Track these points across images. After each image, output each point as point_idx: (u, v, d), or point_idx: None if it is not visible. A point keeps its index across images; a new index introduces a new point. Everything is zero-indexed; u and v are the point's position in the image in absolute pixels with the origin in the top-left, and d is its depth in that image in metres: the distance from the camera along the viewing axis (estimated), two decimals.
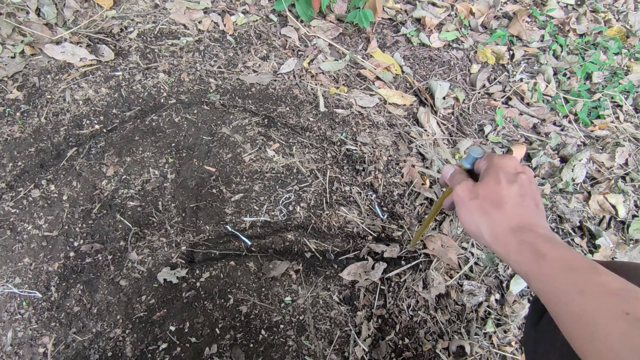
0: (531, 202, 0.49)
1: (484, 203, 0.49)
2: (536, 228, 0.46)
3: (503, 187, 0.49)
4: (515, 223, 0.46)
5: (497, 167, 0.51)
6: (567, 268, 0.41)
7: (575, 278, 0.40)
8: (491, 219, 0.48)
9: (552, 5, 1.67)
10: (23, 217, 0.92)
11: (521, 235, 0.45)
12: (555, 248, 0.43)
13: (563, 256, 0.42)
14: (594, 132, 1.28)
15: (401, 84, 1.35)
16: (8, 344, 0.78)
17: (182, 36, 1.33)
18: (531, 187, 0.51)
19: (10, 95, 1.11)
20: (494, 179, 0.50)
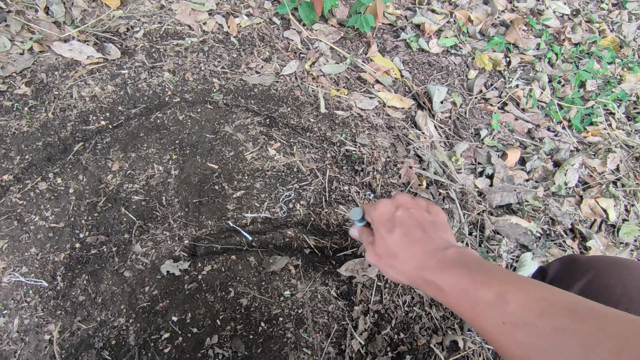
0: (417, 233, 0.53)
1: (387, 261, 0.54)
2: (430, 259, 0.49)
3: (387, 239, 0.53)
4: (414, 266, 0.50)
5: (376, 222, 0.56)
6: (460, 293, 0.44)
7: (466, 301, 0.43)
8: (398, 270, 0.52)
9: (548, 15, 1.72)
10: (30, 208, 0.95)
11: (422, 275, 0.49)
12: (447, 278, 0.46)
13: (454, 284, 0.45)
14: (586, 138, 1.32)
15: (400, 88, 1.38)
16: (14, 330, 0.80)
17: (187, 37, 1.36)
18: (412, 217, 0.55)
19: (18, 91, 1.13)
20: (379, 236, 0.55)
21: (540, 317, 0.37)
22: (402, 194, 0.59)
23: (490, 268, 0.45)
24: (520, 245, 1.06)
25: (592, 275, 0.59)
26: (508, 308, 0.39)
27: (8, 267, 0.87)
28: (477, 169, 1.21)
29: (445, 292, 0.46)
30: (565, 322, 0.36)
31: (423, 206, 0.58)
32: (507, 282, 0.42)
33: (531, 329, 0.37)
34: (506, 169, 1.19)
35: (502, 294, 0.40)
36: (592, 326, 0.34)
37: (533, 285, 0.41)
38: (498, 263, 1.02)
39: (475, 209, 1.10)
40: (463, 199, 1.12)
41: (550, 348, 0.35)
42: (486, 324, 0.41)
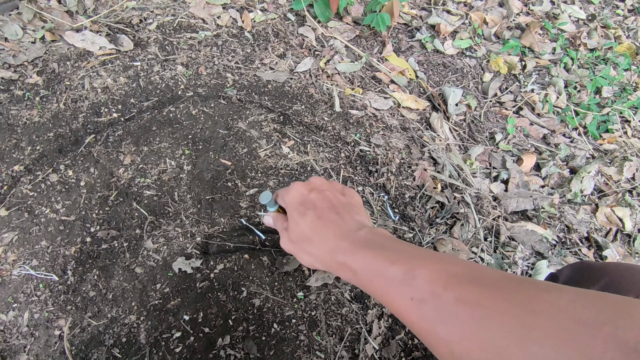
0: (330, 215, 0.52)
1: (302, 246, 0.52)
2: (343, 241, 0.48)
3: (300, 223, 0.52)
4: (327, 249, 0.49)
5: (289, 206, 0.55)
6: (372, 273, 0.44)
7: (378, 281, 0.43)
8: (313, 255, 0.51)
9: (564, 19, 1.70)
10: (41, 200, 0.93)
11: (336, 258, 0.48)
12: (360, 258, 0.45)
13: (366, 264, 0.44)
14: (602, 145, 1.31)
15: (415, 89, 1.37)
16: (24, 324, 0.79)
17: (201, 30, 1.35)
18: (324, 199, 0.54)
19: (30, 80, 1.12)
20: (292, 220, 0.53)
21: (445, 288, 0.36)
22: (316, 177, 0.58)
23: (401, 246, 0.45)
24: (535, 253, 1.04)
25: (605, 282, 0.57)
26: (415, 283, 0.39)
27: (18, 260, 0.85)
28: (492, 173, 1.19)
29: (358, 273, 0.45)
30: (467, 292, 0.35)
31: (338, 189, 0.57)
32: (415, 257, 0.42)
33: (436, 302, 0.36)
34: (522, 175, 1.17)
35: (410, 270, 0.40)
36: (495, 296, 0.34)
37: (439, 259, 0.41)
38: (513, 270, 1.01)
39: (491, 214, 1.09)
40: (478, 203, 1.11)
41: (454, 319, 0.34)
42: (397, 302, 0.40)
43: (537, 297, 0.32)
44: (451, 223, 1.07)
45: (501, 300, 0.33)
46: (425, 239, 1.03)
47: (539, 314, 0.30)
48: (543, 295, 0.32)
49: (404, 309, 0.39)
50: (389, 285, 0.41)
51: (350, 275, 0.46)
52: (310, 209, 0.52)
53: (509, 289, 0.34)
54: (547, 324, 0.29)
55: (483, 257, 1.01)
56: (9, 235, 0.87)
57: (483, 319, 0.33)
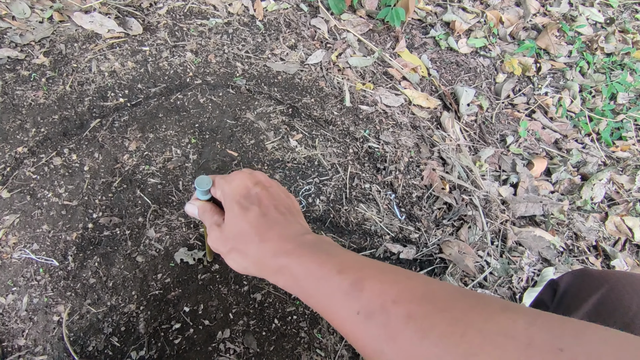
0: (275, 215, 0.47)
1: (237, 246, 0.46)
2: (288, 243, 0.44)
3: (242, 219, 0.46)
4: (268, 251, 0.44)
5: (230, 198, 0.48)
6: (316, 280, 0.39)
7: (322, 290, 0.39)
8: (249, 257, 0.45)
9: (582, 22, 1.66)
10: (44, 183, 0.92)
11: (277, 260, 0.43)
12: (304, 262, 0.41)
13: (311, 270, 0.40)
14: (615, 153, 1.28)
15: (427, 87, 1.34)
16: (23, 309, 0.78)
17: (212, 17, 1.32)
18: (270, 196, 0.49)
19: (36, 60, 1.10)
20: (232, 214, 0.47)
21: (394, 303, 0.34)
22: (259, 172, 0.53)
23: (350, 255, 0.42)
24: (542, 259, 1.03)
25: (606, 290, 0.56)
26: (363, 295, 0.35)
27: (19, 243, 0.84)
28: (502, 176, 1.17)
29: (300, 279, 0.41)
30: (418, 309, 0.33)
31: (281, 188, 0.53)
32: (365, 267, 0.38)
33: (385, 317, 0.33)
34: (531, 179, 1.15)
35: (359, 281, 0.37)
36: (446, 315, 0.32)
37: (390, 271, 0.38)
38: (519, 276, 0.99)
39: (499, 218, 1.07)
40: (486, 206, 1.09)
41: (402, 339, 0.32)
42: (341, 315, 0.37)
43: (491, 319, 0.30)
44: (458, 225, 1.05)
45: (451, 319, 0.31)
46: (431, 240, 1.01)
47: (490, 337, 0.28)
48: (497, 317, 0.30)
49: (348, 323, 0.36)
50: (334, 296, 0.37)
51: (291, 282, 0.42)
52: (254, 205, 0.47)
53: (461, 308, 0.32)
54: (498, 348, 0.28)
55: (489, 261, 1.00)
56: (10, 218, 0.86)
57: (431, 340, 0.30)
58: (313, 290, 0.40)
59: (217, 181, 0.51)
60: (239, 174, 0.51)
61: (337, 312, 0.37)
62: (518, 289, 0.98)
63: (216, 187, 0.51)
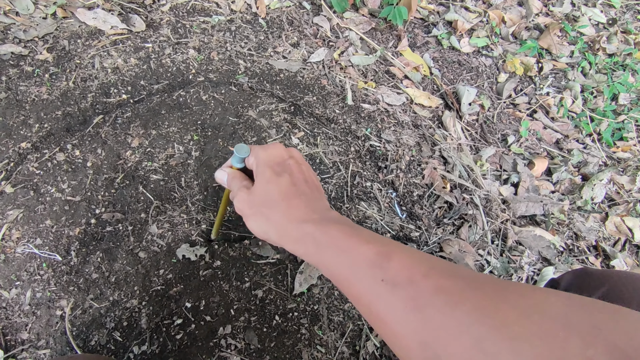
0: (304, 187, 0.48)
1: (263, 209, 0.47)
2: (314, 214, 0.45)
3: (273, 184, 0.47)
4: (294, 217, 0.45)
5: (264, 162, 0.50)
6: (341, 249, 0.40)
7: (347, 258, 0.39)
8: (273, 221, 0.46)
9: (584, 22, 1.66)
10: (47, 179, 0.92)
11: (302, 227, 0.44)
12: (330, 232, 0.42)
13: (336, 238, 0.41)
14: (616, 153, 1.29)
15: (428, 86, 1.34)
16: (26, 303, 0.79)
17: (215, 14, 1.32)
18: (301, 170, 0.50)
19: (40, 56, 1.10)
20: (263, 179, 0.48)
21: (424, 276, 0.34)
22: (294, 148, 0.54)
23: (375, 233, 0.42)
24: (542, 259, 1.03)
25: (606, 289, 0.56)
26: (390, 266, 0.36)
27: (22, 238, 0.85)
28: (503, 176, 1.17)
29: (324, 247, 0.41)
30: (449, 283, 0.33)
31: (313, 172, 0.54)
32: (391, 244, 0.39)
33: (413, 288, 0.33)
34: (532, 179, 1.16)
35: (386, 253, 0.37)
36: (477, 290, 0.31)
37: (415, 250, 0.38)
38: (519, 275, 1.00)
39: (499, 217, 1.07)
40: (487, 205, 1.09)
41: (430, 308, 0.32)
42: (364, 283, 0.37)
43: (526, 296, 0.30)
44: (459, 224, 1.06)
45: (484, 295, 0.31)
46: (432, 238, 1.02)
47: (526, 313, 0.28)
48: (530, 294, 0.30)
49: (370, 291, 0.36)
50: (358, 264, 0.38)
51: (312, 250, 0.42)
52: (286, 173, 0.48)
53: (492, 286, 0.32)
54: (535, 323, 0.27)
55: (489, 260, 1.00)
56: (14, 213, 0.87)
57: (463, 310, 0.30)
58: (336, 259, 0.40)
59: (253, 148, 0.52)
60: (277, 145, 0.52)
61: (360, 282, 0.37)
62: None
63: (253, 154, 0.52)
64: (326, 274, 0.41)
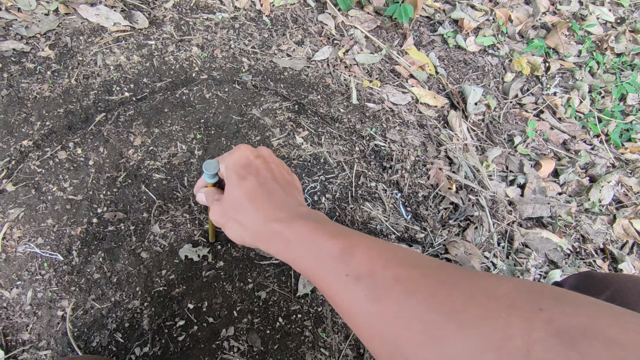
0: (272, 185, 0.49)
1: (234, 215, 0.48)
2: (282, 212, 0.45)
3: (240, 187, 0.48)
4: (262, 217, 0.45)
5: (230, 168, 0.50)
6: (307, 244, 0.41)
7: (313, 253, 0.40)
8: (243, 225, 0.47)
9: (592, 21, 1.64)
10: (48, 177, 0.91)
11: (270, 226, 0.44)
12: (296, 228, 0.42)
13: (302, 234, 0.42)
14: (624, 155, 1.27)
15: (434, 85, 1.33)
16: (27, 303, 0.78)
17: (218, 11, 1.31)
18: (269, 168, 0.50)
19: (42, 53, 1.09)
20: (231, 184, 0.49)
21: (383, 267, 0.35)
22: (265, 148, 0.54)
23: (339, 225, 0.43)
24: (549, 261, 1.02)
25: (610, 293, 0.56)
26: (353, 260, 0.37)
27: (24, 237, 0.84)
28: (509, 177, 1.16)
29: (292, 244, 0.42)
30: (405, 272, 0.34)
31: (285, 166, 0.54)
32: (355, 236, 0.40)
33: (373, 280, 0.35)
34: (539, 180, 1.14)
35: (349, 247, 0.38)
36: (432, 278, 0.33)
37: (381, 242, 0.40)
38: (525, 278, 0.98)
39: (505, 219, 1.06)
40: (493, 207, 1.08)
41: (388, 298, 0.33)
42: (330, 278, 0.38)
43: (476, 283, 0.31)
44: (464, 225, 1.04)
45: (437, 283, 0.32)
46: (437, 240, 1.00)
47: (475, 297, 0.29)
48: (482, 281, 0.31)
49: (336, 285, 0.37)
50: (324, 259, 0.39)
51: (282, 247, 0.43)
52: (252, 175, 0.49)
53: (447, 273, 0.33)
54: (481, 306, 0.28)
55: (495, 263, 0.99)
56: (15, 212, 0.86)
57: (417, 299, 0.31)
58: (304, 255, 0.41)
59: (222, 157, 0.53)
60: (242, 147, 0.52)
61: (326, 275, 0.38)
62: None
63: (222, 162, 0.52)
64: (298, 270, 0.42)
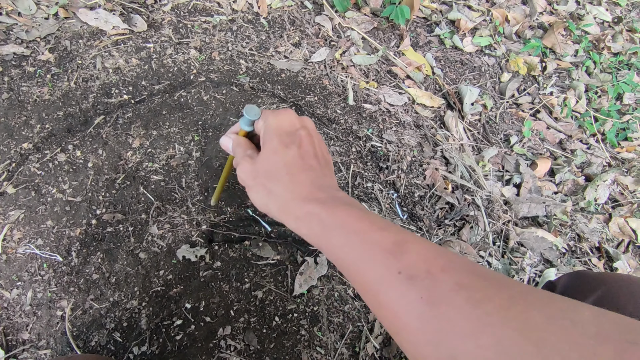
0: (313, 161, 0.45)
1: (265, 181, 0.45)
2: (321, 192, 0.42)
3: (278, 155, 0.45)
4: (298, 194, 0.42)
5: (272, 130, 0.47)
6: (350, 233, 0.37)
7: (357, 243, 0.37)
8: (275, 196, 0.44)
9: (589, 21, 1.65)
10: (48, 179, 0.93)
11: (306, 206, 0.41)
12: (338, 213, 0.39)
13: (345, 222, 0.38)
14: (620, 154, 1.27)
15: (431, 85, 1.34)
16: (27, 303, 0.79)
17: (216, 14, 1.32)
18: (312, 142, 0.47)
19: (42, 57, 1.10)
20: (271, 148, 0.46)
21: (442, 271, 0.32)
22: (308, 117, 0.50)
23: (385, 219, 0.40)
24: (544, 260, 1.02)
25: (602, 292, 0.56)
26: (407, 257, 0.34)
27: (24, 238, 0.85)
28: (505, 176, 1.17)
29: (331, 229, 0.38)
30: (469, 279, 0.31)
31: (324, 145, 0.51)
32: (406, 233, 0.37)
33: (431, 281, 0.32)
34: (535, 180, 1.15)
35: (402, 242, 0.35)
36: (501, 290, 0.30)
37: (431, 243, 0.36)
38: (520, 277, 0.99)
39: (501, 218, 1.07)
40: (489, 206, 1.08)
41: (449, 304, 0.30)
42: (375, 271, 0.34)
43: (552, 302, 0.28)
44: (460, 225, 1.05)
45: (509, 296, 0.29)
46: (433, 239, 1.01)
47: (555, 319, 0.27)
48: (558, 301, 0.29)
49: (384, 281, 0.34)
50: (371, 251, 0.35)
51: (317, 230, 0.39)
52: (295, 144, 0.45)
53: (517, 289, 0.30)
54: (564, 329, 0.26)
55: (490, 262, 1.00)
56: (16, 213, 0.87)
57: (485, 310, 0.28)
58: (344, 242, 0.37)
59: (264, 112, 0.50)
60: (289, 111, 0.49)
61: (371, 269, 0.35)
62: None
63: (263, 118, 0.49)
64: (331, 257, 0.39)
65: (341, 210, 0.39)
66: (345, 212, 0.39)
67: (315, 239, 0.40)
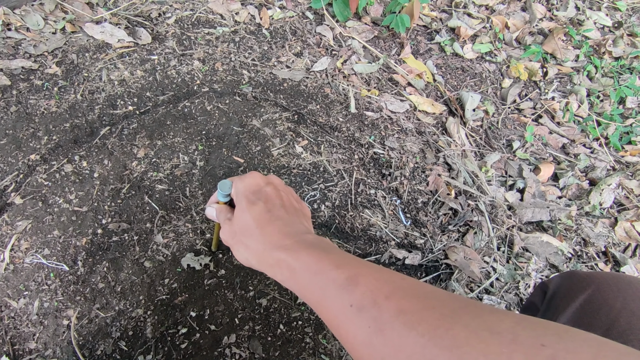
0: (280, 212, 0.50)
1: (242, 237, 0.50)
2: (287, 239, 0.46)
3: (249, 212, 0.49)
4: (268, 244, 0.47)
5: (241, 193, 0.52)
6: (312, 274, 0.41)
7: (317, 283, 0.40)
8: (250, 249, 0.48)
9: (589, 26, 1.65)
10: (55, 190, 0.94)
11: (275, 254, 0.45)
12: (302, 257, 0.43)
13: (308, 263, 0.42)
14: (624, 157, 1.27)
15: (432, 92, 1.35)
16: (34, 312, 0.80)
17: (219, 26, 1.34)
18: (279, 196, 0.52)
19: (49, 70, 1.13)
20: (240, 208, 0.51)
21: (387, 299, 0.35)
22: (276, 176, 0.57)
23: (345, 254, 0.44)
24: (550, 265, 1.02)
25: (592, 290, 0.57)
26: (357, 290, 0.37)
27: (31, 248, 0.86)
28: (508, 182, 1.17)
29: (297, 272, 0.42)
30: (409, 304, 0.34)
31: (293, 195, 0.56)
32: (360, 266, 0.40)
33: (376, 311, 0.34)
34: (538, 184, 1.14)
35: (354, 277, 0.38)
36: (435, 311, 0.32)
37: (386, 271, 0.40)
38: (526, 282, 0.98)
39: (505, 224, 1.06)
40: (493, 212, 1.08)
41: (391, 330, 0.33)
42: (334, 307, 0.38)
43: (479, 317, 0.31)
44: (464, 231, 1.05)
45: (440, 315, 0.32)
46: (437, 245, 1.01)
47: (476, 332, 0.29)
48: (485, 315, 0.31)
49: (340, 315, 0.37)
50: (329, 288, 0.39)
51: (287, 275, 0.44)
52: (261, 200, 0.50)
53: (450, 307, 0.33)
54: (483, 341, 0.28)
55: (495, 267, 0.99)
56: (23, 224, 0.88)
57: (419, 331, 0.31)
58: (309, 283, 0.41)
59: (234, 180, 0.55)
60: (254, 173, 0.55)
61: (330, 305, 0.38)
62: (525, 295, 0.97)
63: (233, 185, 0.55)
64: (303, 298, 0.43)
65: (304, 254, 0.43)
66: (307, 254, 0.43)
67: (288, 283, 0.44)
